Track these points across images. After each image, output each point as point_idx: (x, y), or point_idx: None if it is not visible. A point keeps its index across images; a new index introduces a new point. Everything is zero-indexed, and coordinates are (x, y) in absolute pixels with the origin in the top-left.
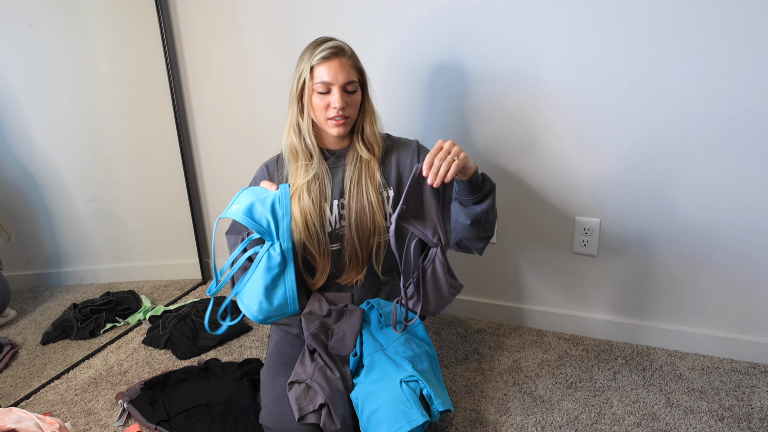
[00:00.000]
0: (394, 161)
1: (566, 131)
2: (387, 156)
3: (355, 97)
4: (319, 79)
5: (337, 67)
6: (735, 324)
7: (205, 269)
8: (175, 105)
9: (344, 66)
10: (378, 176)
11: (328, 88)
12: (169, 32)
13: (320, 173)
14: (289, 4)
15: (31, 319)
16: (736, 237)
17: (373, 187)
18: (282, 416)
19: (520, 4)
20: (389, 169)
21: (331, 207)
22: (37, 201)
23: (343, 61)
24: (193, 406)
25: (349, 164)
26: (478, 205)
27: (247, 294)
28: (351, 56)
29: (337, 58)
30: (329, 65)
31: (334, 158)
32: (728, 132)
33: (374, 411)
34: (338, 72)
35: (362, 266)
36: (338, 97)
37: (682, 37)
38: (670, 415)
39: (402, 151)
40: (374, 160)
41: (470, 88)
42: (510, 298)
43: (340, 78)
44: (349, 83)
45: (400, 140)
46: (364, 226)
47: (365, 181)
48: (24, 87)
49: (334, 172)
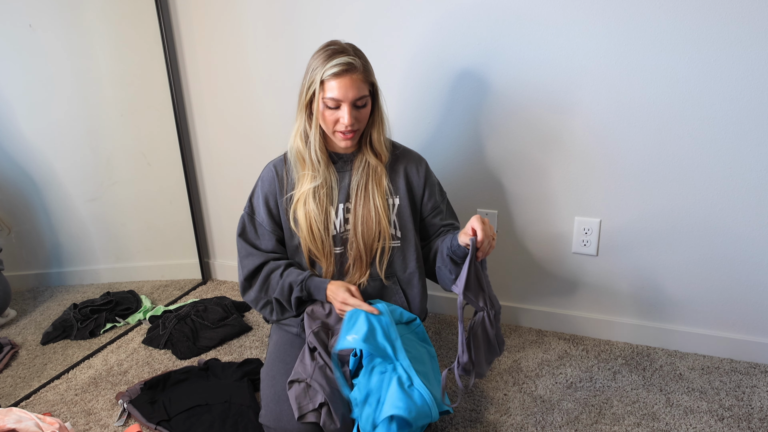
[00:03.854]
0: (403, 172)
1: (566, 132)
2: (396, 164)
3: (365, 111)
4: (330, 95)
5: (348, 84)
6: (735, 324)
7: (204, 269)
8: (175, 105)
9: (355, 82)
10: (385, 182)
11: (338, 104)
12: (169, 32)
13: (327, 178)
14: (290, 4)
15: (31, 319)
16: (737, 237)
17: (380, 193)
18: (282, 415)
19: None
20: (398, 178)
21: (336, 210)
22: (37, 201)
23: (354, 77)
24: (193, 406)
25: (357, 169)
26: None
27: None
28: (363, 71)
29: (348, 74)
30: (340, 81)
31: (341, 162)
32: (728, 132)
33: (376, 405)
34: (348, 89)
35: (365, 269)
36: (347, 115)
37: (665, 36)
38: (670, 415)
39: (412, 164)
40: (381, 167)
41: (476, 88)
42: (510, 298)
43: (350, 95)
44: (359, 99)
45: (409, 151)
46: (369, 230)
47: (372, 186)
48: (24, 87)
49: (341, 176)
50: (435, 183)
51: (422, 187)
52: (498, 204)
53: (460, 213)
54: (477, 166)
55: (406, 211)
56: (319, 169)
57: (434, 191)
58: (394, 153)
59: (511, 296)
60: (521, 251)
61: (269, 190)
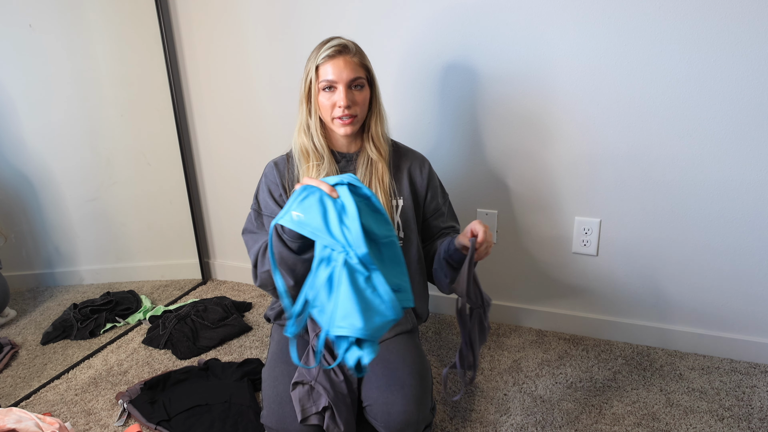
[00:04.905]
0: (407, 172)
1: (566, 131)
2: (400, 163)
3: (362, 94)
4: (324, 78)
5: (341, 64)
6: (735, 324)
7: (204, 269)
8: (175, 105)
9: (349, 63)
10: (387, 180)
11: (333, 86)
12: (169, 32)
13: (331, 174)
14: (290, 4)
15: (31, 319)
16: (736, 237)
17: (382, 190)
18: (284, 416)
19: (522, 3)
20: (402, 177)
21: None
22: (37, 201)
23: (348, 58)
24: (193, 406)
25: (360, 167)
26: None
27: (342, 316)
28: (356, 53)
29: (341, 55)
30: (334, 63)
31: (345, 161)
32: (729, 132)
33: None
34: (342, 69)
35: None
36: (343, 95)
37: (665, 35)
38: (670, 415)
39: (416, 163)
40: (383, 162)
41: (479, 89)
42: (510, 298)
43: (345, 75)
44: (354, 80)
45: (412, 151)
46: None
47: (375, 184)
48: (24, 87)
49: None
50: (438, 185)
51: (425, 188)
52: (498, 204)
53: (461, 213)
54: (477, 166)
55: (410, 212)
56: (324, 157)
57: (437, 193)
58: (397, 151)
59: (511, 296)
60: (521, 251)
61: (272, 183)
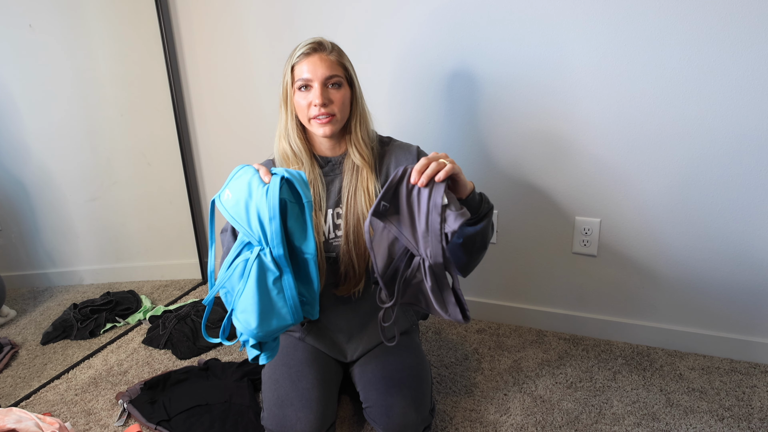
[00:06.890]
0: (385, 170)
1: (566, 131)
2: (383, 161)
3: (340, 93)
4: (299, 77)
5: (316, 61)
6: (735, 324)
7: (205, 269)
8: (175, 105)
9: (324, 60)
10: (372, 186)
11: (309, 84)
12: (169, 32)
13: (312, 181)
14: (290, 4)
15: (31, 319)
16: (736, 237)
17: (368, 198)
18: (284, 419)
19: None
20: (382, 176)
21: (326, 217)
22: (36, 201)
23: (323, 56)
24: (193, 406)
25: (346, 172)
26: (472, 227)
27: (241, 309)
28: (333, 51)
29: (316, 53)
30: (309, 61)
31: (330, 166)
32: (729, 132)
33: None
34: (317, 66)
35: (360, 277)
36: (318, 92)
37: (665, 35)
38: (670, 415)
39: (400, 155)
40: (367, 168)
41: (479, 90)
42: (510, 298)
43: (320, 73)
44: (329, 77)
45: (398, 144)
46: (359, 237)
47: (360, 191)
48: (24, 87)
49: (330, 180)
50: None
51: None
52: (498, 204)
53: None
54: (477, 166)
55: None
56: (303, 162)
57: None
58: (383, 148)
59: (511, 296)
60: (521, 251)
61: None
